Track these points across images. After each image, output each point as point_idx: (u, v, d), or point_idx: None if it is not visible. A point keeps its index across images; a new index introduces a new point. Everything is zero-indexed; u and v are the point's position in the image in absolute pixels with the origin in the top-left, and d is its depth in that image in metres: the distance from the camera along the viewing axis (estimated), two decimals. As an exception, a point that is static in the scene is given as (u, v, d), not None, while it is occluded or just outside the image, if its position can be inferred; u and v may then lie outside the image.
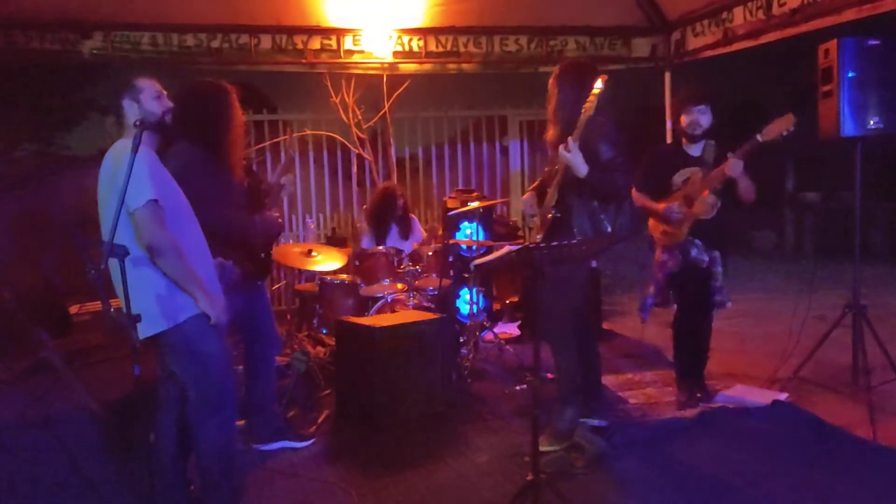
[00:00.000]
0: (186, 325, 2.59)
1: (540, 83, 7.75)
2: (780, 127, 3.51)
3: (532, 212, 3.65)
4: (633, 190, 3.87)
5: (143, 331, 2.48)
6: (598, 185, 3.31)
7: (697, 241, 3.86)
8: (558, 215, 3.42)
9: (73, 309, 5.29)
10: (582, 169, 3.24)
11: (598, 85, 3.23)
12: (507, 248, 2.46)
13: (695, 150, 3.89)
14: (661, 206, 3.90)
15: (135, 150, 2.18)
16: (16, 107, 9.37)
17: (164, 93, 2.73)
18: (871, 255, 9.36)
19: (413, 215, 5.79)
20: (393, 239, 5.50)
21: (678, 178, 3.91)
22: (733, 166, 3.61)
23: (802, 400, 4.01)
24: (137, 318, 2.19)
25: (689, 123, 3.84)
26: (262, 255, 3.42)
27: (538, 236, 3.53)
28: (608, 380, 4.55)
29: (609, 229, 3.33)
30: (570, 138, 3.24)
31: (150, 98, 2.66)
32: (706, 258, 3.87)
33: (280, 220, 3.50)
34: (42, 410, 4.05)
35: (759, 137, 3.55)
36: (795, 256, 10.35)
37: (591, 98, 3.21)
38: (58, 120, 10.97)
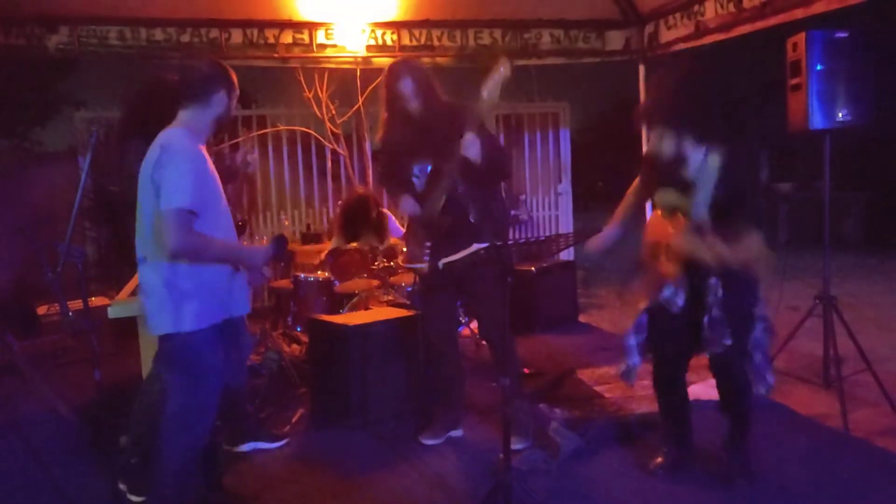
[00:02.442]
0: (190, 336, 2.53)
1: (515, 77, 7.71)
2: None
3: (414, 211, 3.39)
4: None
5: (153, 328, 2.56)
6: (494, 164, 3.21)
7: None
8: (449, 217, 3.26)
9: (42, 310, 5.19)
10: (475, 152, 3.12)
11: (505, 71, 3.08)
12: (474, 247, 2.44)
13: (691, 167, 2.81)
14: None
15: (91, 149, 2.14)
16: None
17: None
18: (845, 244, 9.49)
19: (388, 212, 5.73)
20: (368, 240, 5.42)
21: (660, 200, 2.97)
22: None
23: (775, 391, 4.01)
24: (94, 323, 2.15)
25: (649, 150, 2.89)
26: None
27: (427, 243, 3.35)
28: (584, 374, 4.56)
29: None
30: (468, 132, 3.10)
31: (234, 102, 2.68)
32: (680, 301, 2.88)
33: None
34: (9, 413, 3.98)
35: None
36: (769, 247, 10.46)
37: (493, 83, 3.07)
38: (31, 115, 10.81)
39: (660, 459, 3.16)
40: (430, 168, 3.36)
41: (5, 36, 5.22)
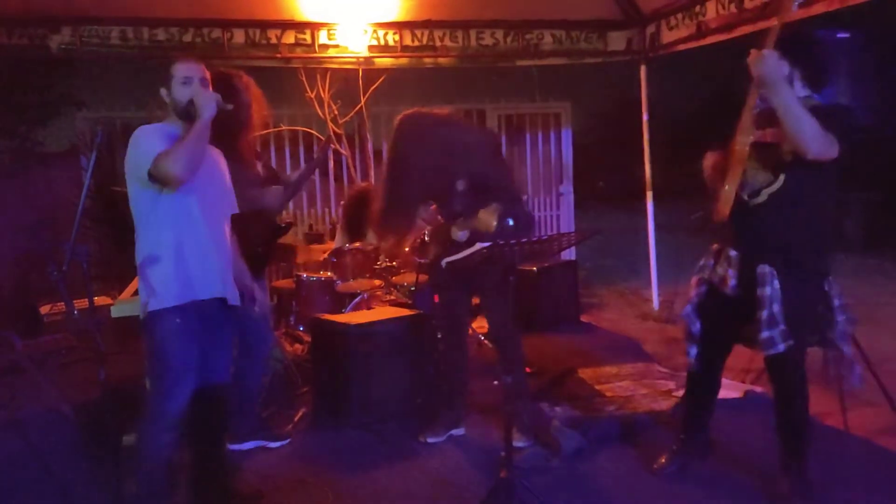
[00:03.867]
0: (150, 318, 2.57)
1: (517, 77, 7.75)
2: None
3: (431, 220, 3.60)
4: None
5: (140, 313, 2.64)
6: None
7: (732, 253, 2.79)
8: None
9: (45, 309, 5.20)
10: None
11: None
12: (477, 246, 2.45)
13: (761, 103, 2.68)
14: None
15: (96, 148, 2.15)
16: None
17: (198, 77, 2.61)
18: (846, 245, 9.47)
19: None
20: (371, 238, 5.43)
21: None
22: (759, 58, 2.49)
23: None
24: (99, 322, 2.17)
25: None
26: (259, 249, 3.41)
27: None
28: (585, 373, 4.57)
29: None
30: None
31: (177, 84, 2.59)
32: (733, 281, 2.77)
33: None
34: (12, 413, 3.99)
35: None
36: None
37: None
38: (32, 116, 10.79)
39: (663, 460, 3.16)
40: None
41: (8, 36, 5.24)
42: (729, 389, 4.00)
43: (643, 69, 6.09)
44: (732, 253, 2.78)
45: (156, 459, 2.61)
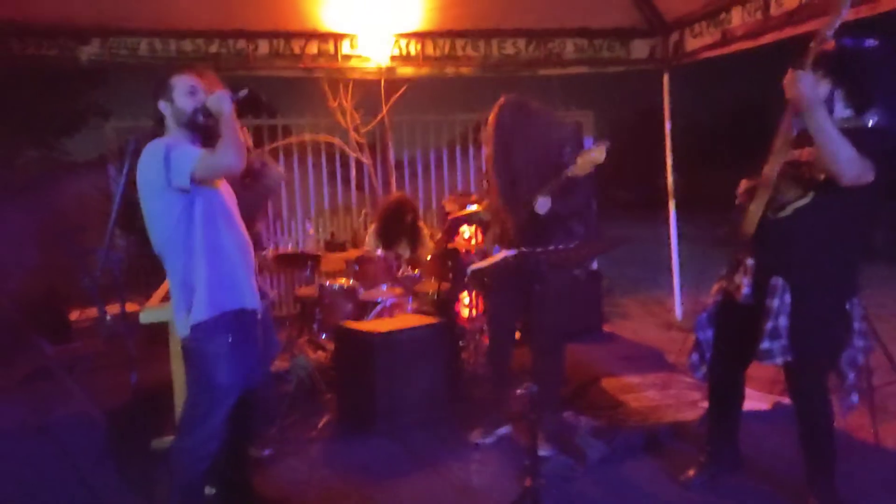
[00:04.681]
0: (198, 331, 2.52)
1: (539, 86, 7.77)
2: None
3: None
4: None
5: (177, 331, 2.58)
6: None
7: (750, 262, 2.78)
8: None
9: (74, 315, 5.28)
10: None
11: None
12: (503, 254, 2.45)
13: (798, 123, 2.62)
14: None
15: (129, 155, 2.18)
16: (16, 113, 9.39)
17: (202, 86, 2.60)
18: (874, 254, 9.33)
19: (423, 225, 5.71)
20: (402, 250, 5.45)
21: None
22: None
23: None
24: (130, 328, 2.19)
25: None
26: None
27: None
28: (608, 383, 4.54)
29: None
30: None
31: (181, 95, 2.56)
32: (747, 289, 2.76)
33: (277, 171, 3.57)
34: (42, 418, 4.05)
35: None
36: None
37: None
38: (59, 125, 11.00)
39: (691, 472, 3.11)
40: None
41: (37, 47, 5.35)
42: (758, 401, 3.95)
43: (666, 77, 6.06)
44: (750, 262, 2.77)
45: (194, 471, 2.59)
